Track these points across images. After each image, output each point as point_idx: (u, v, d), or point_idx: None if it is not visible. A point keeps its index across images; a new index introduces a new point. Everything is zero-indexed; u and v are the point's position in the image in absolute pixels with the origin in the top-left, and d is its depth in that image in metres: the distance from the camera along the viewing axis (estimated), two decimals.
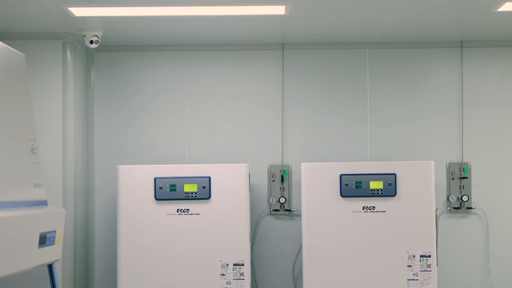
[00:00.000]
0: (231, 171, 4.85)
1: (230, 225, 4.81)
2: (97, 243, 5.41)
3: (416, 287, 4.76)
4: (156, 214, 4.80)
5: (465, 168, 5.38)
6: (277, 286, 5.41)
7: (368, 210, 4.82)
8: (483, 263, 5.39)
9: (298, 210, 5.37)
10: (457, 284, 5.38)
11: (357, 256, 4.79)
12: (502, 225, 5.40)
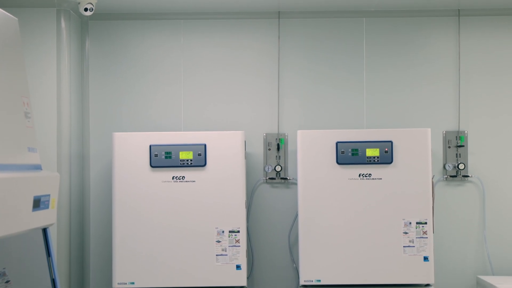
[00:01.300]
0: (226, 139, 4.84)
1: (225, 192, 4.80)
2: (93, 210, 5.41)
3: (412, 253, 4.77)
4: (151, 181, 4.80)
5: (462, 136, 5.37)
6: (273, 253, 5.42)
7: (364, 178, 4.81)
8: (479, 230, 5.40)
9: (294, 178, 5.37)
10: (453, 252, 5.39)
11: (353, 223, 4.79)
12: (498, 193, 5.41)
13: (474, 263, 5.39)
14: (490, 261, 5.35)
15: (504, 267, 5.37)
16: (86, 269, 5.41)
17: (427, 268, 4.76)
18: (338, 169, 4.83)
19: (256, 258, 5.42)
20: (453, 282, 5.39)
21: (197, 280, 4.78)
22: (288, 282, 5.41)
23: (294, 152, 5.24)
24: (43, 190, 3.10)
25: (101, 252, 5.39)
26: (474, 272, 5.38)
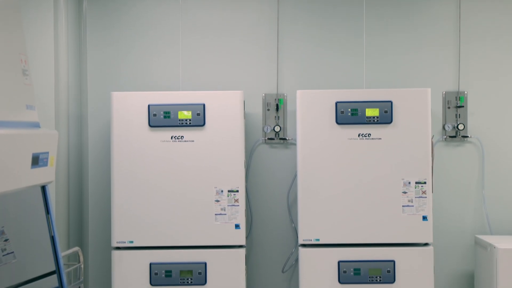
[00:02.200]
0: (225, 99, 4.82)
1: (224, 152, 4.79)
2: (91, 169, 5.41)
3: (411, 213, 4.77)
4: (150, 141, 4.78)
5: (462, 97, 5.35)
6: (271, 213, 5.43)
7: (364, 138, 4.80)
8: (478, 190, 5.41)
9: (293, 138, 5.36)
10: (452, 212, 5.40)
11: (352, 183, 4.79)
12: (498, 154, 5.41)
13: (473, 222, 5.41)
14: (488, 221, 5.37)
15: (502, 226, 5.39)
16: (85, 228, 5.42)
17: (426, 228, 4.77)
18: (337, 129, 4.82)
19: (255, 218, 5.43)
20: (452, 242, 5.41)
21: (196, 239, 4.78)
22: (287, 242, 5.42)
23: (293, 113, 5.23)
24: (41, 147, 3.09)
25: (100, 211, 5.40)
26: (472, 231, 5.40)
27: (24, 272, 3.20)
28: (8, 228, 3.04)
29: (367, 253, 4.78)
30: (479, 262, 5.13)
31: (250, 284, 5.37)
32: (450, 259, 5.41)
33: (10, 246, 3.02)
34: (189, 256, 4.78)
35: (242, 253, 4.82)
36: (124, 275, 4.77)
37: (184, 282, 4.76)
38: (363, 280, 4.76)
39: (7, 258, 2.99)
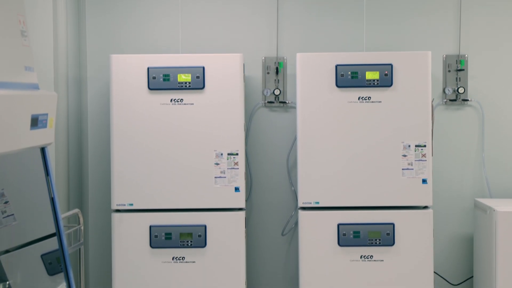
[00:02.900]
0: (225, 61, 4.80)
1: (224, 115, 4.78)
2: (90, 132, 5.40)
3: (410, 176, 4.78)
4: (149, 104, 4.77)
5: (462, 60, 5.33)
6: (271, 176, 5.44)
7: (364, 101, 4.79)
8: (478, 154, 5.41)
9: (293, 102, 5.34)
10: (451, 175, 5.41)
11: (352, 146, 4.78)
12: (498, 117, 5.40)
13: (472, 186, 5.42)
14: (488, 184, 5.38)
15: (502, 190, 5.40)
16: (84, 190, 5.43)
17: (425, 191, 4.78)
18: (337, 92, 4.80)
19: (255, 181, 5.44)
20: (451, 205, 5.42)
21: (195, 202, 4.79)
22: (287, 205, 5.44)
23: (293, 76, 5.21)
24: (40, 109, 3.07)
25: (100, 173, 5.40)
26: (472, 195, 5.41)
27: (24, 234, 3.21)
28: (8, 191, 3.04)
29: (367, 216, 4.79)
30: (478, 225, 5.15)
31: (250, 247, 5.39)
32: (450, 222, 5.43)
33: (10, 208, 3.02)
34: (189, 218, 4.79)
35: (242, 216, 4.83)
36: (124, 237, 4.78)
37: (184, 244, 4.77)
38: (363, 243, 4.77)
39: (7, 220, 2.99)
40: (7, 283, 2.85)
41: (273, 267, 5.47)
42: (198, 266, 4.80)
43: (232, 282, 4.81)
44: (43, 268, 3.33)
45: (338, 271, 4.81)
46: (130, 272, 4.79)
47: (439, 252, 5.37)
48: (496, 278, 4.79)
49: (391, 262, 4.80)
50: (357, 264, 4.80)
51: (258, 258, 5.46)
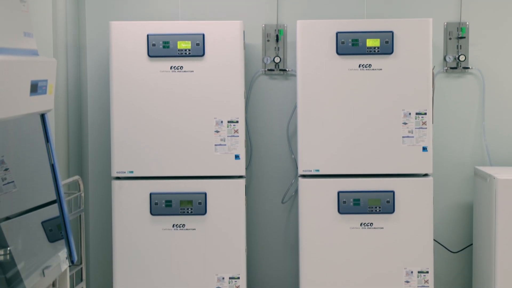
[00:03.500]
0: (225, 29, 4.77)
1: (224, 82, 4.77)
2: (90, 100, 5.39)
3: (411, 144, 4.77)
4: (149, 71, 4.75)
5: (463, 27, 5.31)
6: (271, 144, 5.43)
7: (364, 68, 4.77)
8: (478, 122, 5.40)
9: (293, 70, 5.33)
10: (451, 143, 5.41)
11: (352, 114, 4.77)
12: (498, 85, 5.39)
13: (472, 154, 5.42)
14: (488, 152, 5.38)
15: (502, 158, 5.40)
16: (84, 158, 5.42)
17: (425, 158, 4.78)
18: (338, 59, 4.78)
19: (255, 149, 5.44)
20: (451, 173, 5.42)
21: (196, 170, 4.79)
22: (287, 172, 5.44)
23: (293, 43, 5.19)
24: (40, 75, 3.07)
25: (100, 141, 5.40)
26: (472, 163, 5.41)
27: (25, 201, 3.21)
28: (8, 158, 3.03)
29: (367, 184, 4.79)
30: (478, 193, 5.15)
31: (250, 215, 5.40)
32: (450, 190, 5.44)
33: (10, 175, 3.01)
34: (189, 186, 4.79)
35: (242, 183, 4.83)
36: (124, 204, 4.79)
37: (184, 212, 4.78)
38: (363, 211, 4.78)
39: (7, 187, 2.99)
40: (8, 249, 2.86)
41: (273, 234, 5.49)
42: (198, 233, 4.81)
43: (232, 250, 4.83)
44: (43, 235, 3.34)
45: (338, 239, 4.82)
46: (131, 239, 4.80)
47: (438, 220, 5.39)
48: (495, 245, 4.81)
49: (391, 229, 4.81)
50: (357, 231, 4.82)
51: (258, 226, 5.48)
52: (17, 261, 2.89)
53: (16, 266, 2.87)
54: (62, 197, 3.44)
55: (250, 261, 5.43)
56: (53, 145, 3.40)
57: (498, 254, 4.80)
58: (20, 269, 2.89)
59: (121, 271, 4.81)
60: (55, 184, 3.41)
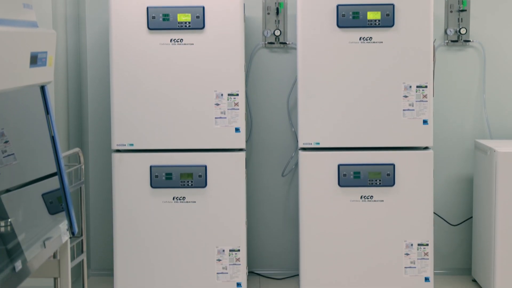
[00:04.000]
0: (225, 1, 4.75)
1: (224, 55, 4.75)
2: (90, 72, 5.38)
3: (411, 117, 4.76)
4: (149, 44, 4.74)
5: (464, 0, 5.29)
6: (271, 117, 5.43)
7: (365, 41, 4.75)
8: (479, 95, 5.39)
9: (293, 43, 5.31)
10: (452, 116, 5.40)
11: (353, 87, 4.77)
12: (499, 58, 5.37)
13: (473, 127, 5.41)
14: (488, 126, 5.37)
15: (502, 131, 5.40)
16: (84, 130, 5.42)
17: (426, 131, 4.77)
18: (338, 32, 4.76)
19: (255, 122, 5.43)
20: (452, 146, 5.42)
21: (196, 143, 4.79)
22: (287, 145, 5.44)
23: (294, 16, 5.16)
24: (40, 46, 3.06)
25: (100, 113, 5.40)
26: (472, 136, 5.40)
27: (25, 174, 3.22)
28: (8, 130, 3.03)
29: (367, 157, 4.79)
30: (478, 166, 5.16)
31: (250, 188, 5.41)
32: (450, 163, 5.44)
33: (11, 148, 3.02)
34: (190, 159, 4.79)
35: (242, 156, 4.83)
36: (125, 177, 4.79)
37: (184, 184, 4.79)
38: (363, 183, 4.78)
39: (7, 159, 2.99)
40: (9, 221, 2.86)
41: (273, 207, 5.50)
42: (199, 206, 4.82)
43: (232, 222, 4.84)
44: (44, 207, 3.35)
45: (338, 212, 4.83)
46: (131, 211, 4.81)
47: (439, 193, 5.40)
48: (495, 218, 4.82)
49: (391, 202, 4.81)
50: (357, 204, 4.82)
51: (258, 199, 5.49)
52: (18, 233, 2.90)
53: (16, 237, 2.88)
54: (63, 169, 3.45)
55: (250, 234, 5.44)
56: (53, 117, 3.40)
57: (497, 227, 4.82)
58: (20, 241, 2.90)
59: (122, 243, 4.82)
60: (56, 156, 3.42)
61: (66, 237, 3.44)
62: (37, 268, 3.01)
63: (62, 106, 4.98)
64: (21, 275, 2.77)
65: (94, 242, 5.51)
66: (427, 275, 4.85)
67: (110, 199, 4.88)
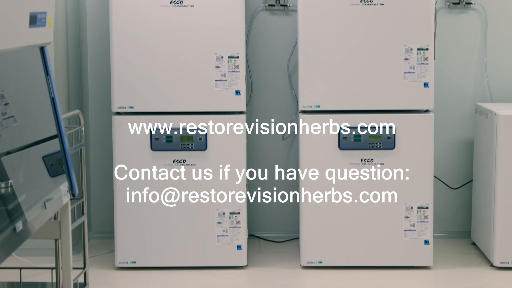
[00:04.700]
0: None
1: (224, 18, 4.72)
2: (89, 33, 5.37)
3: (412, 79, 4.75)
4: (148, 4, 4.69)
5: None
6: (272, 80, 5.42)
7: (366, 3, 4.72)
8: (480, 58, 5.38)
9: (294, 5, 5.28)
10: (453, 79, 5.39)
11: (353, 50, 4.74)
12: (501, 21, 5.35)
13: (474, 90, 5.41)
14: (489, 89, 5.36)
15: (503, 94, 5.39)
16: (84, 92, 5.41)
17: (427, 94, 4.75)
18: None
19: (255, 85, 5.42)
20: (452, 109, 5.42)
21: (196, 106, 4.77)
22: (287, 108, 5.43)
23: None
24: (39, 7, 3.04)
25: (100, 75, 5.39)
26: (473, 99, 5.40)
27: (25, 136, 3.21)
28: (8, 92, 3.02)
29: (368, 120, 4.78)
30: (479, 129, 5.15)
31: (250, 151, 5.41)
32: (450, 126, 5.44)
33: (11, 110, 3.01)
34: (190, 122, 4.78)
35: (243, 119, 4.82)
36: (125, 140, 4.79)
37: (184, 147, 4.78)
38: (363, 146, 4.78)
39: (7, 122, 2.98)
40: (9, 182, 2.86)
41: (273, 171, 5.50)
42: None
43: (232, 186, 4.84)
44: (44, 170, 3.35)
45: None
46: (131, 174, 4.81)
47: (439, 156, 5.40)
48: (495, 181, 4.82)
49: (391, 165, 4.81)
50: (357, 167, 4.82)
51: (258, 162, 5.49)
52: (18, 194, 2.90)
53: (17, 198, 2.88)
54: (63, 131, 3.44)
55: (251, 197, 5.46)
56: (53, 79, 3.39)
57: (497, 190, 4.82)
58: (21, 202, 2.91)
59: (122, 205, 4.83)
60: (56, 118, 3.41)
61: (67, 198, 3.44)
62: (38, 229, 3.02)
63: (61, 68, 4.97)
64: (22, 236, 2.77)
65: (95, 205, 5.53)
66: (427, 238, 4.86)
67: (111, 161, 4.88)
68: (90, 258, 5.05)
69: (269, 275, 4.84)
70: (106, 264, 5.03)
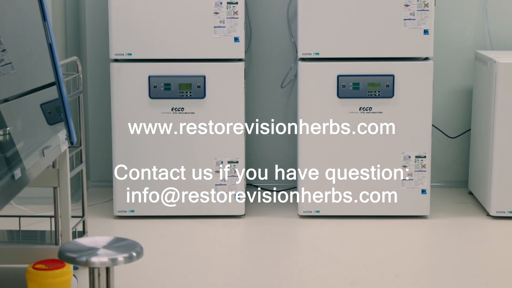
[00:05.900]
0: None
1: None
2: None
3: (412, 26, 4.69)
4: None
5: None
6: (271, 27, 5.39)
7: None
8: (481, 4, 5.35)
9: None
10: (453, 26, 5.36)
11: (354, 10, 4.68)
12: None
13: (474, 37, 5.37)
14: (489, 36, 5.33)
15: (504, 42, 5.36)
16: (82, 39, 5.38)
17: (426, 42, 4.71)
18: None
19: (254, 32, 5.38)
20: (452, 57, 5.39)
21: (194, 53, 4.74)
22: (287, 56, 5.41)
23: None
24: None
25: (98, 22, 5.35)
26: (473, 46, 5.37)
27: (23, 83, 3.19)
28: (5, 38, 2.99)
29: (367, 68, 4.76)
30: (478, 77, 5.13)
31: (249, 99, 5.39)
32: (450, 74, 5.42)
33: (8, 56, 2.98)
34: (188, 69, 4.76)
35: (241, 66, 4.79)
36: (123, 87, 4.77)
37: (183, 95, 4.76)
38: (362, 95, 4.76)
39: (5, 68, 2.96)
40: (7, 129, 2.85)
41: (271, 119, 5.49)
42: (197, 117, 4.80)
43: (231, 134, 4.83)
44: (42, 118, 3.34)
45: (336, 123, 4.82)
46: (129, 122, 4.80)
47: (437, 105, 5.39)
48: (493, 131, 4.82)
49: (390, 114, 4.80)
50: (356, 116, 4.81)
51: (257, 110, 5.48)
52: (16, 141, 2.90)
53: (15, 145, 2.87)
54: (60, 77, 3.42)
55: (249, 146, 5.46)
56: (50, 24, 3.36)
57: (495, 139, 4.82)
58: (19, 149, 2.90)
59: (120, 153, 4.83)
60: (53, 64, 3.39)
61: (65, 146, 3.43)
62: (36, 177, 3.01)
63: (59, 14, 4.92)
64: (21, 183, 2.77)
65: (93, 154, 5.53)
66: (424, 187, 4.87)
67: (109, 108, 4.86)
68: (88, 206, 5.06)
69: (267, 224, 4.86)
70: (104, 213, 5.05)
